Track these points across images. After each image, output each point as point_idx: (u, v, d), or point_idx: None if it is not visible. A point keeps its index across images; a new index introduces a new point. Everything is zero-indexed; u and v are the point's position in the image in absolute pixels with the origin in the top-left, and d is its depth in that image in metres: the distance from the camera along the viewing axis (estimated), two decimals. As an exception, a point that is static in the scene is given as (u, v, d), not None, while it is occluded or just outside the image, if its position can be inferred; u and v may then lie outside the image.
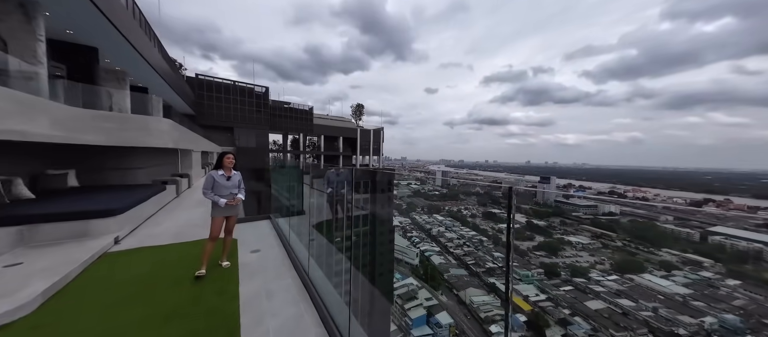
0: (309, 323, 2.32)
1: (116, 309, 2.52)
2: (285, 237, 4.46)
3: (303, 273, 3.14)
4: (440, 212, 55.27)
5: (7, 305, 2.36)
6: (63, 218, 4.00)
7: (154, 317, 2.40)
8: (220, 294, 2.80)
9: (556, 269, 33.71)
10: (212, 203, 3.30)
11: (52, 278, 2.85)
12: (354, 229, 11.01)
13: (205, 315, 2.43)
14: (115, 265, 3.51)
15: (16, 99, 4.36)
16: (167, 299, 2.70)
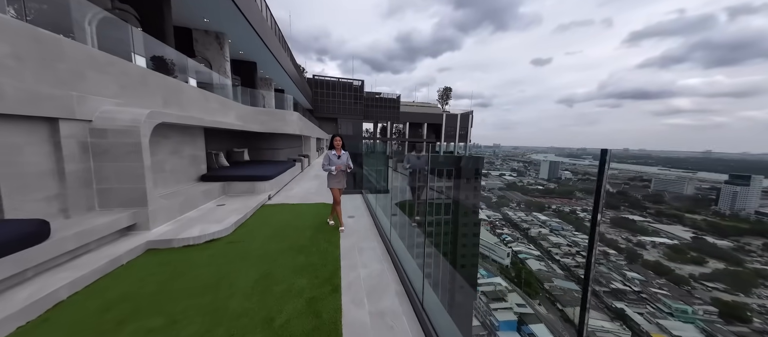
0: (390, 279, 2.65)
1: (270, 239, 3.61)
2: (373, 209, 5.03)
3: (386, 240, 3.53)
4: (544, 210, 46.06)
5: (219, 227, 3.77)
6: (243, 179, 5.89)
7: (291, 248, 3.32)
8: (328, 242, 3.55)
9: (742, 312, 22.87)
10: (328, 175, 4.09)
11: (239, 215, 4.32)
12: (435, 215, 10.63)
13: (319, 253, 3.18)
14: (268, 212, 4.95)
15: (219, 101, 6.61)
16: (297, 238, 3.65)
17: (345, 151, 4.17)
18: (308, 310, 2.17)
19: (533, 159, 69.09)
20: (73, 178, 3.01)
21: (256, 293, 2.41)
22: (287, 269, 2.83)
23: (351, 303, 2.23)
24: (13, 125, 2.52)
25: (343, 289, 2.45)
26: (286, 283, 2.56)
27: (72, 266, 2.54)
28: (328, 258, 3.08)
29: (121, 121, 3.30)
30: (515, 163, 41.30)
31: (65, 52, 2.92)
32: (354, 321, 2.01)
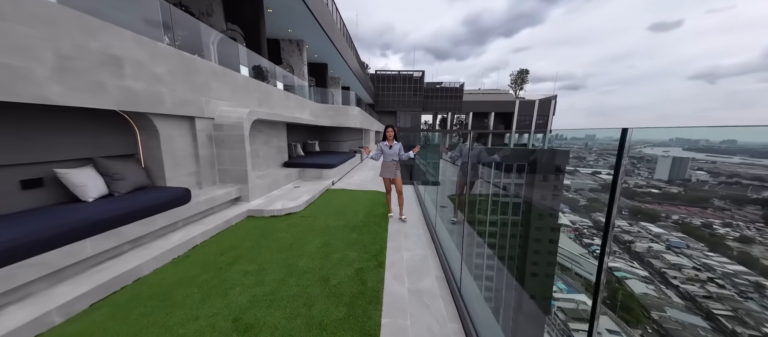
0: (431, 264, 2.73)
1: (331, 217, 4.13)
2: (422, 200, 5.08)
3: (432, 230, 3.58)
4: (656, 220, 37.47)
5: (294, 204, 4.50)
6: (313, 166, 6.77)
7: (346, 226, 3.75)
8: (378, 225, 3.83)
9: None
10: (381, 165, 4.32)
11: (309, 196, 5.05)
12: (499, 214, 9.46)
13: (370, 233, 3.49)
14: (331, 195, 5.60)
15: (297, 100, 7.67)
16: (352, 218, 4.07)
17: (397, 142, 4.29)
18: (356, 277, 2.48)
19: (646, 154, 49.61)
20: (204, 160, 4.10)
21: (318, 257, 2.86)
22: (342, 242, 3.23)
23: (393, 278, 2.43)
24: (170, 122, 3.59)
25: (387, 266, 2.67)
26: (341, 253, 2.94)
27: (202, 222, 3.52)
28: (376, 238, 3.36)
29: (232, 118, 4.28)
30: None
31: (198, 68, 3.96)
32: (394, 293, 2.21)
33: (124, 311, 2.01)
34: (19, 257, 1.85)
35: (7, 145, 2.31)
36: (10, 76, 2.02)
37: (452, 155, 5.30)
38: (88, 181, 2.75)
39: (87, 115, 2.86)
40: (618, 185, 0.74)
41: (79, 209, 2.44)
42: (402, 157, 4.22)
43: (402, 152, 4.26)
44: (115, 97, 2.78)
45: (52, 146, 2.62)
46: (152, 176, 3.48)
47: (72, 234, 2.15)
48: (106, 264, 2.40)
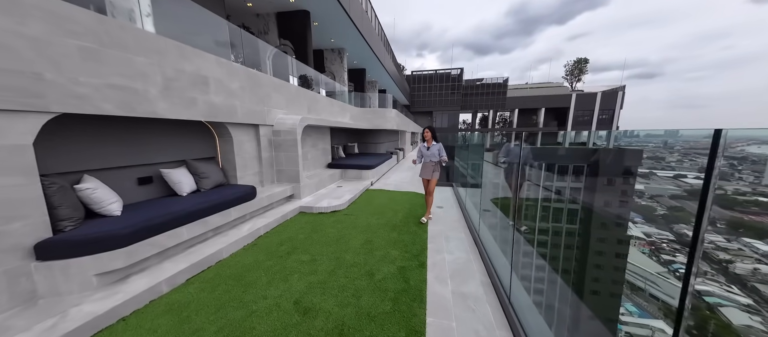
0: (475, 269, 2.66)
1: (372, 216, 4.29)
2: (462, 202, 4.92)
3: (474, 233, 3.47)
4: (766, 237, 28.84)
5: (339, 202, 4.78)
6: (353, 167, 7.08)
7: (387, 225, 3.86)
8: (418, 226, 3.86)
9: None
10: (421, 166, 4.33)
11: (350, 195, 5.31)
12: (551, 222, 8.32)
13: (410, 233, 3.55)
14: (371, 195, 5.80)
15: (339, 105, 8.10)
16: (392, 218, 4.17)
17: (437, 142, 4.25)
18: (399, 275, 2.56)
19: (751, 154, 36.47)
20: (265, 162, 4.62)
21: (362, 252, 3.01)
22: (384, 240, 3.35)
23: (435, 280, 2.45)
24: (241, 129, 4.13)
25: (429, 266, 2.69)
26: (383, 251, 3.05)
27: (265, 215, 3.98)
28: (416, 239, 3.40)
29: (287, 125, 4.74)
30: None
31: (262, 82, 4.48)
32: (437, 293, 2.23)
33: (211, 286, 2.40)
34: (141, 237, 2.36)
35: (129, 151, 2.94)
36: (134, 97, 2.58)
37: (510, 157, 5.01)
38: (183, 178, 3.34)
39: (181, 126, 3.47)
40: (710, 191, 0.65)
41: (177, 202, 2.99)
42: (440, 159, 4.17)
43: (442, 153, 4.21)
44: (202, 110, 3.33)
45: (158, 151, 3.25)
46: (227, 175, 4.05)
47: (173, 222, 2.65)
48: (196, 247, 2.89)
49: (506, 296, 2.10)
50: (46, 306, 1.90)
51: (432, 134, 4.27)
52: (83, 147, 2.52)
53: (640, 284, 8.33)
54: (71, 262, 1.99)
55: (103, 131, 2.67)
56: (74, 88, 2.12)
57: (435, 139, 4.25)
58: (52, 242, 1.95)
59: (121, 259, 2.19)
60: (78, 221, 2.18)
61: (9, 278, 1.80)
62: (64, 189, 2.14)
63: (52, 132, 2.26)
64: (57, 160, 2.32)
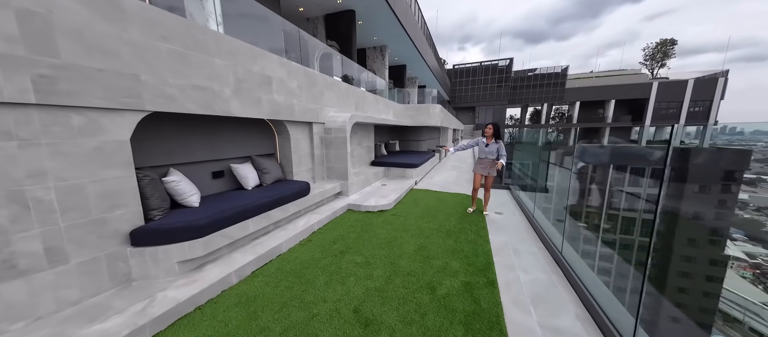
0: (564, 297, 2.16)
1: (422, 218, 3.98)
2: (527, 210, 4.28)
3: (552, 248, 2.90)
4: None
5: (385, 202, 4.57)
6: (397, 165, 6.83)
7: (440, 229, 3.51)
8: (476, 234, 3.42)
9: None
10: (476, 160, 4.10)
11: (396, 195, 5.07)
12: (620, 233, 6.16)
13: (468, 242, 3.14)
14: (416, 195, 5.47)
15: (383, 102, 7.90)
16: (444, 222, 3.79)
17: (499, 140, 3.86)
18: (466, 292, 2.21)
19: None
20: (317, 159, 4.64)
21: (418, 259, 2.73)
22: (439, 247, 3.01)
23: (512, 304, 2.04)
24: (297, 127, 4.17)
25: (501, 286, 2.29)
26: (441, 260, 2.72)
27: (317, 211, 3.97)
28: (478, 250, 2.98)
29: (338, 122, 4.68)
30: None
31: (317, 80, 4.47)
32: (520, 324, 1.83)
33: (274, 281, 2.37)
34: (216, 228, 2.43)
35: (206, 147, 3.11)
36: (212, 97, 2.67)
37: (589, 156, 4.30)
38: (248, 173, 3.47)
39: (247, 124, 3.60)
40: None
41: (244, 195, 3.08)
42: (498, 160, 3.84)
43: (501, 152, 3.78)
44: (266, 109, 3.39)
45: (229, 147, 3.41)
46: (284, 171, 4.15)
47: (241, 215, 2.71)
48: (260, 240, 2.95)
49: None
50: (138, 288, 2.04)
51: (494, 131, 3.80)
52: (169, 143, 2.71)
53: (738, 314, 6.12)
54: (159, 249, 2.11)
55: (186, 128, 2.85)
56: (164, 89, 2.24)
57: (497, 136, 3.81)
58: (144, 229, 2.09)
59: (200, 248, 2.27)
60: (165, 210, 2.32)
61: (110, 260, 1.96)
62: (154, 181, 2.29)
63: (144, 129, 2.44)
64: (147, 155, 2.51)
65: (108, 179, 1.94)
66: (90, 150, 1.84)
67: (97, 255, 1.89)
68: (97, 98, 1.84)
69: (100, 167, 1.89)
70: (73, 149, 1.76)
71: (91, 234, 1.86)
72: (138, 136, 2.39)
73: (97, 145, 1.87)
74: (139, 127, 2.35)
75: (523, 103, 31.89)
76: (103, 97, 1.87)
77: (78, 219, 1.79)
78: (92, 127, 1.84)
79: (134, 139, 2.30)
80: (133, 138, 2.26)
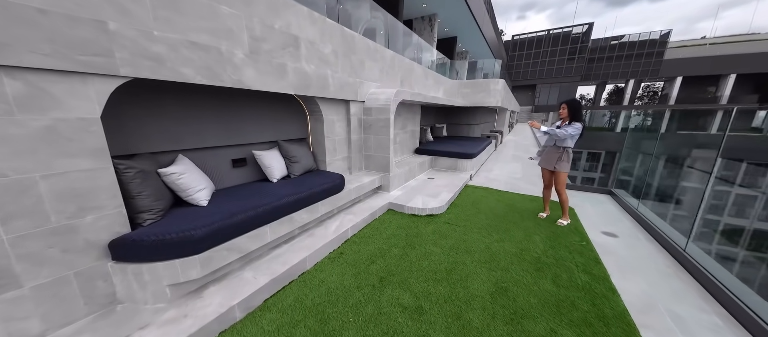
0: None
1: (489, 232, 2.92)
2: (661, 233, 2.84)
3: (727, 295, 1.60)
4: None
5: (435, 203, 3.60)
6: (447, 155, 5.69)
7: (522, 257, 2.43)
8: (585, 270, 2.26)
9: None
10: (543, 154, 3.27)
11: (449, 193, 4.03)
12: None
13: (577, 288, 2.03)
14: (474, 194, 4.35)
15: (434, 77, 6.64)
16: (526, 243, 2.68)
17: (577, 122, 2.88)
18: None
19: None
20: (354, 145, 3.85)
21: (501, 318, 1.76)
22: (531, 294, 1.97)
23: None
24: (332, 106, 3.39)
25: None
26: (543, 325, 1.70)
27: (352, 210, 3.24)
28: (601, 303, 1.86)
29: (380, 101, 3.76)
30: None
31: (356, 46, 3.56)
32: None
33: (290, 323, 1.70)
34: (219, 240, 1.83)
35: (223, 129, 2.53)
36: (218, 61, 1.98)
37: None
38: (274, 162, 2.85)
39: (272, 101, 2.93)
40: None
41: (266, 191, 2.46)
42: (562, 145, 2.97)
43: (567, 132, 2.87)
44: (292, 81, 2.65)
45: (252, 130, 2.80)
46: (317, 160, 3.47)
47: (257, 220, 2.07)
48: (279, 250, 2.32)
49: None
50: (124, 314, 1.55)
51: (570, 112, 2.92)
52: (174, 123, 2.16)
53: None
54: (143, 267, 1.57)
55: (195, 104, 2.27)
56: (147, 46, 1.59)
57: (576, 119, 2.89)
58: (124, 240, 1.55)
59: (197, 268, 1.69)
60: (159, 212, 1.78)
61: (83, 280, 1.48)
62: (144, 175, 1.74)
63: (135, 103, 1.89)
64: (143, 139, 1.98)
65: (71, 172, 1.40)
66: (37, 132, 1.29)
67: (64, 274, 1.41)
68: (40, 55, 1.24)
69: (55, 156, 1.34)
70: (10, 130, 1.22)
71: (53, 248, 1.37)
72: (129, 113, 1.84)
73: (48, 125, 1.31)
74: (126, 101, 1.78)
75: (600, 80, 26.05)
76: (49, 54, 1.27)
77: (29, 228, 1.30)
78: (37, 98, 1.27)
79: (118, 118, 1.75)
80: (116, 116, 1.71)
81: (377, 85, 4.11)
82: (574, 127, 2.87)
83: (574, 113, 2.92)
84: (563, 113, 2.99)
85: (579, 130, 2.87)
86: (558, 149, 3.03)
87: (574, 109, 2.92)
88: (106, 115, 1.56)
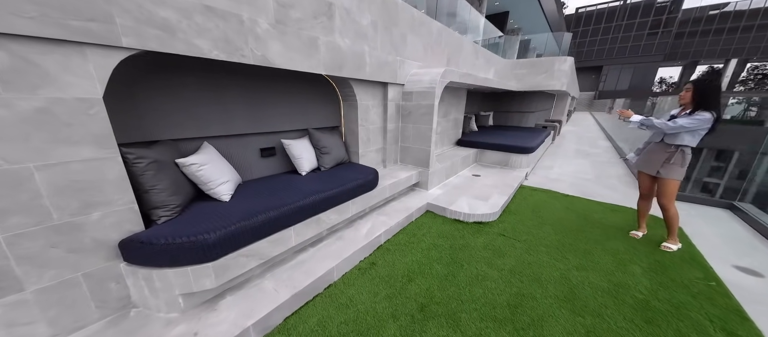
0: None
1: (563, 253, 2.26)
2: None
3: None
4: None
5: (485, 208, 3.00)
6: (496, 148, 4.90)
7: (617, 298, 1.77)
8: (726, 331, 1.52)
9: None
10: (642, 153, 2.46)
11: (501, 196, 3.37)
12: None
13: None
14: (532, 198, 3.60)
15: (485, 56, 5.72)
16: (620, 277, 1.98)
17: (705, 111, 1.98)
18: None
19: None
20: (390, 135, 3.40)
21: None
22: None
23: None
24: (367, 90, 2.95)
25: None
26: None
27: (385, 211, 2.84)
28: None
29: (423, 83, 3.19)
30: None
31: (398, 16, 3.02)
32: None
33: (310, 356, 1.39)
34: (235, 245, 1.58)
35: (249, 115, 2.27)
36: (237, 32, 1.66)
37: None
38: (304, 153, 2.57)
39: (301, 82, 2.60)
40: None
41: (293, 185, 2.18)
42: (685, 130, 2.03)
43: (691, 128, 2.02)
44: (324, 58, 2.25)
45: (281, 116, 2.52)
46: (349, 152, 3.12)
47: (281, 221, 1.79)
48: (304, 255, 2.04)
49: None
50: (136, 322, 1.40)
51: (697, 94, 2.04)
52: (198, 106, 1.94)
53: None
54: (153, 273, 1.38)
55: (217, 84, 2.02)
56: (153, 10, 1.31)
57: (706, 106, 2.00)
58: (132, 242, 1.36)
59: (210, 278, 1.46)
60: (175, 208, 1.58)
61: (93, 283, 1.33)
62: (159, 166, 1.53)
63: (150, 82, 1.67)
64: (160, 125, 1.78)
65: (71, 163, 1.21)
66: (28, 114, 1.09)
67: (71, 276, 1.27)
68: (23, 18, 1.01)
69: (51, 143, 1.15)
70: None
71: (56, 248, 1.22)
72: (142, 94, 1.64)
73: (41, 107, 1.11)
74: (139, 80, 1.57)
75: (689, 59, 20.94)
76: (34, 18, 1.03)
77: (28, 226, 1.14)
78: (24, 73, 1.06)
79: (131, 100, 1.55)
80: (129, 97, 1.50)
81: (419, 65, 3.53)
82: (699, 119, 1.99)
83: (704, 98, 2.02)
84: (686, 98, 2.10)
85: (707, 122, 1.98)
86: (667, 148, 2.18)
87: (706, 91, 2.02)
88: (115, 96, 1.34)
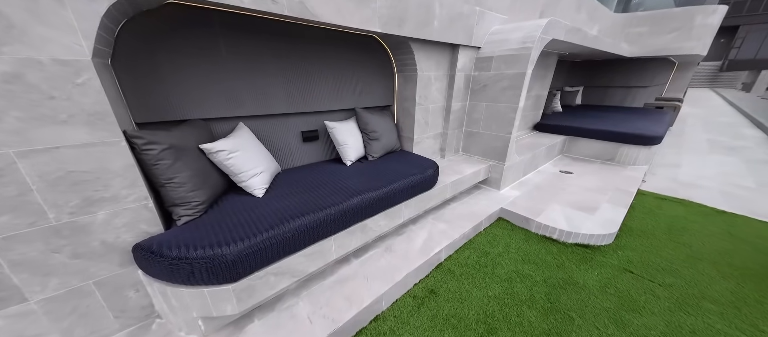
0: None
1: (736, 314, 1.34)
2: None
3: None
4: None
5: (593, 224, 2.11)
6: (596, 136, 3.66)
7: None
8: None
9: None
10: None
11: (611, 204, 2.39)
12: None
13: None
14: (659, 212, 2.49)
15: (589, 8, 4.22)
16: None
17: None
18: None
19: None
20: (454, 117, 2.68)
21: None
22: None
23: None
24: (431, 56, 2.26)
25: None
26: None
27: (443, 215, 2.24)
28: None
29: (510, 44, 2.32)
30: None
31: (483, -54, 2.14)
32: None
33: None
34: (260, 263, 1.22)
35: (288, 91, 1.86)
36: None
37: None
38: (349, 139, 2.10)
39: (346, 47, 2.06)
40: None
41: (334, 180, 1.76)
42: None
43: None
44: (380, 9, 1.65)
45: (321, 92, 2.05)
46: (401, 138, 2.55)
47: (317, 230, 1.38)
48: (345, 271, 1.64)
49: None
50: (159, 332, 1.20)
51: None
52: (229, 77, 1.59)
53: None
54: (167, 289, 1.11)
55: (250, 50, 1.63)
56: (144, -69, 0.90)
57: None
58: (142, 248, 1.10)
59: (231, 302, 1.15)
60: (199, 206, 1.29)
61: (108, 291, 1.13)
62: (176, 153, 1.22)
63: (164, 47, 1.34)
64: (184, 99, 1.47)
65: (62, 149, 0.94)
66: (-3, 86, 0.82)
67: (80, 285, 1.08)
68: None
69: (31, 123, 0.89)
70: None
71: (59, 253, 1.01)
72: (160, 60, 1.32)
73: (11, 71, 0.83)
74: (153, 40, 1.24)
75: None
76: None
77: (20, 227, 0.93)
78: (-21, 26, 0.77)
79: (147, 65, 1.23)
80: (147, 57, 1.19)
81: (503, 21, 2.61)
82: None
83: None
84: None
85: None
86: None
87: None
88: (129, 63, 1.02)
